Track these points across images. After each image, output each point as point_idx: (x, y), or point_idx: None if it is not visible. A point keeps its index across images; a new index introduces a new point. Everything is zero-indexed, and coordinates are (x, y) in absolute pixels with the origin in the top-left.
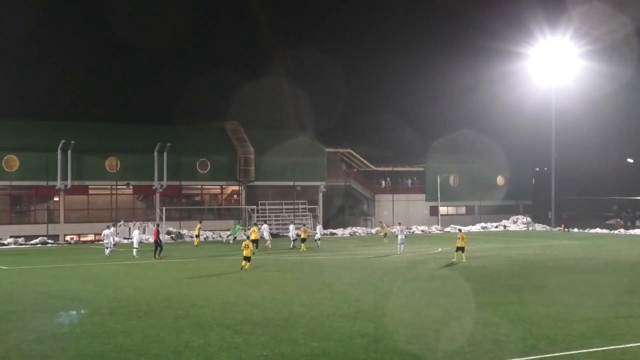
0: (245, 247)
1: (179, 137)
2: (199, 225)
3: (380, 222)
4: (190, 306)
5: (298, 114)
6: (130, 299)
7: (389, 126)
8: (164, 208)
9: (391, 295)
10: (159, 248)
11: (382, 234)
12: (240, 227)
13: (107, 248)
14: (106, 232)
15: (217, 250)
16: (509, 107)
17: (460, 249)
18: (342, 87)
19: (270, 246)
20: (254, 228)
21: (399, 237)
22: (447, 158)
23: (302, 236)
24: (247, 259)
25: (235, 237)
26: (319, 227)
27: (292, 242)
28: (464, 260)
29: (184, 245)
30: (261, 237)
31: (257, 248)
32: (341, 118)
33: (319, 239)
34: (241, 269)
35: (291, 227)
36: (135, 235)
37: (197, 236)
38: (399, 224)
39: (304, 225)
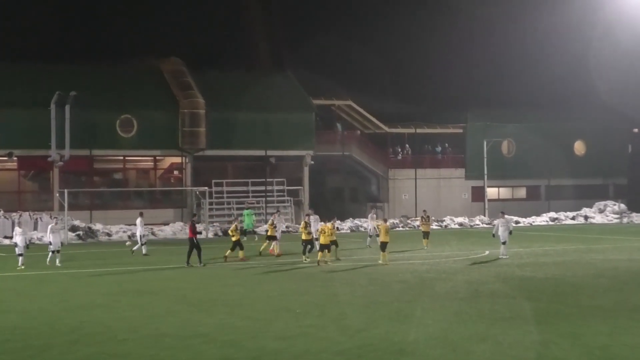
0: (321, 231)
1: (90, 83)
2: (275, 217)
3: (424, 212)
4: (108, 340)
5: (273, 47)
6: (17, 329)
7: (410, 67)
8: (65, 191)
9: (413, 321)
10: (194, 249)
11: (423, 231)
12: (252, 212)
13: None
14: (17, 229)
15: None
16: (592, 37)
17: (383, 244)
18: (340, 9)
19: (276, 251)
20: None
21: (501, 231)
22: (499, 114)
23: (269, 233)
24: (326, 247)
25: (253, 231)
26: (372, 216)
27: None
28: (386, 264)
29: (114, 247)
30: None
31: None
32: (338, 55)
33: (370, 236)
34: (319, 263)
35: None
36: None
37: (273, 238)
38: (502, 213)
39: (277, 214)
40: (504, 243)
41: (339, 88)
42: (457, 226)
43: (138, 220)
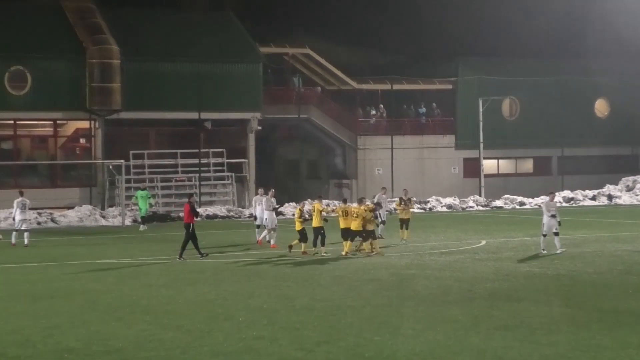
0: (359, 214)
1: None
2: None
3: (405, 192)
4: None
5: None
6: None
7: (385, 6)
8: None
9: (389, 331)
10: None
11: (401, 219)
12: (148, 194)
13: None
14: None
15: None
16: None
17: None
18: None
19: (269, 240)
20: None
21: (546, 218)
22: (498, 65)
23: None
24: (350, 235)
25: (145, 217)
26: (382, 197)
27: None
28: (324, 254)
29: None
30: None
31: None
32: None
33: (383, 222)
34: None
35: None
36: None
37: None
38: (552, 194)
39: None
40: (556, 234)
41: (294, 32)
42: (444, 209)
43: (17, 202)
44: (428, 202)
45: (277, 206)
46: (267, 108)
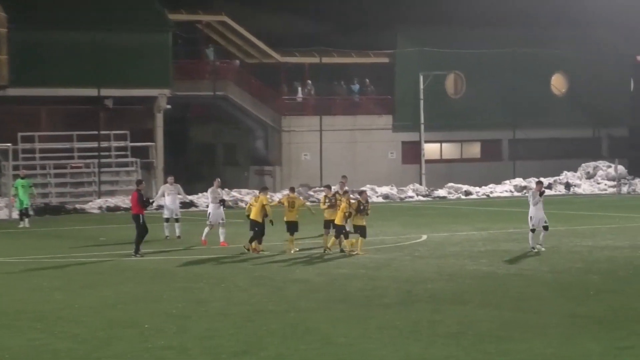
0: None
1: None
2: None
3: (341, 185)
4: None
5: None
6: None
7: None
8: None
9: (317, 339)
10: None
11: (341, 212)
12: (29, 183)
13: None
14: None
15: None
16: None
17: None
18: None
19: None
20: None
21: (533, 210)
22: (442, 36)
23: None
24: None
25: (27, 210)
26: (343, 187)
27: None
28: (262, 251)
29: None
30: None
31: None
32: None
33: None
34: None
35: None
36: None
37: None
38: (539, 183)
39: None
40: (545, 227)
41: None
42: (380, 199)
43: None
44: (362, 191)
45: (224, 198)
46: (178, 84)
